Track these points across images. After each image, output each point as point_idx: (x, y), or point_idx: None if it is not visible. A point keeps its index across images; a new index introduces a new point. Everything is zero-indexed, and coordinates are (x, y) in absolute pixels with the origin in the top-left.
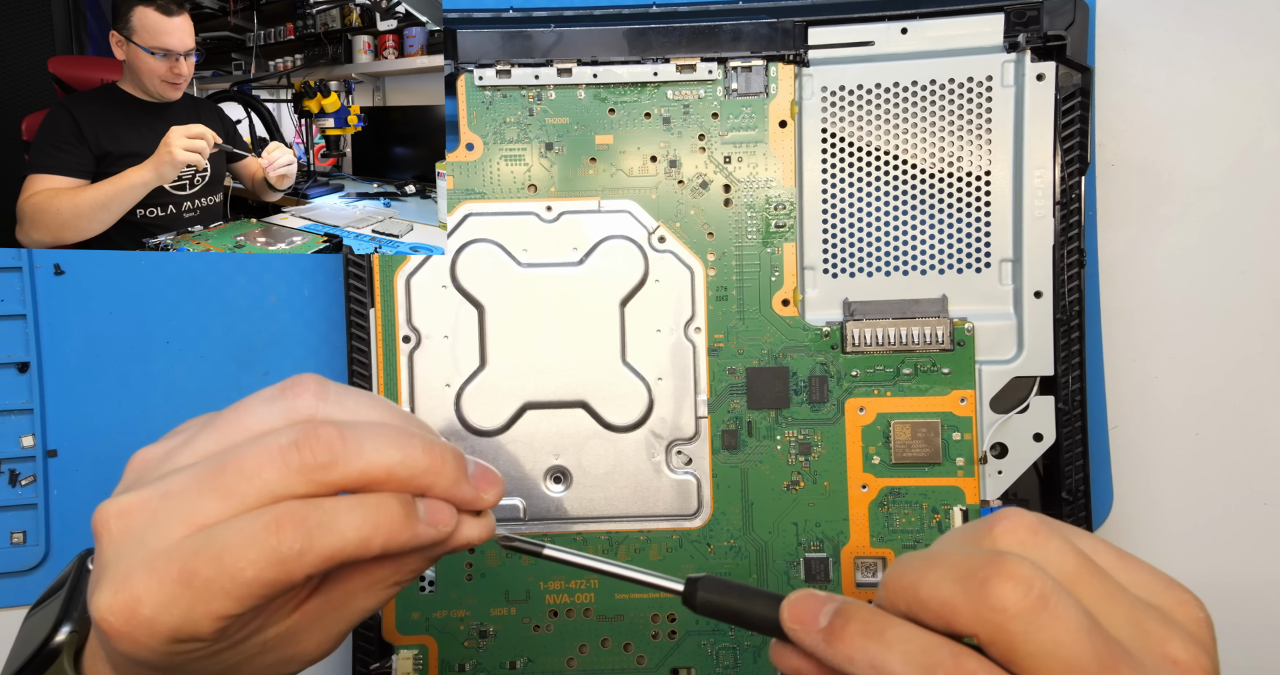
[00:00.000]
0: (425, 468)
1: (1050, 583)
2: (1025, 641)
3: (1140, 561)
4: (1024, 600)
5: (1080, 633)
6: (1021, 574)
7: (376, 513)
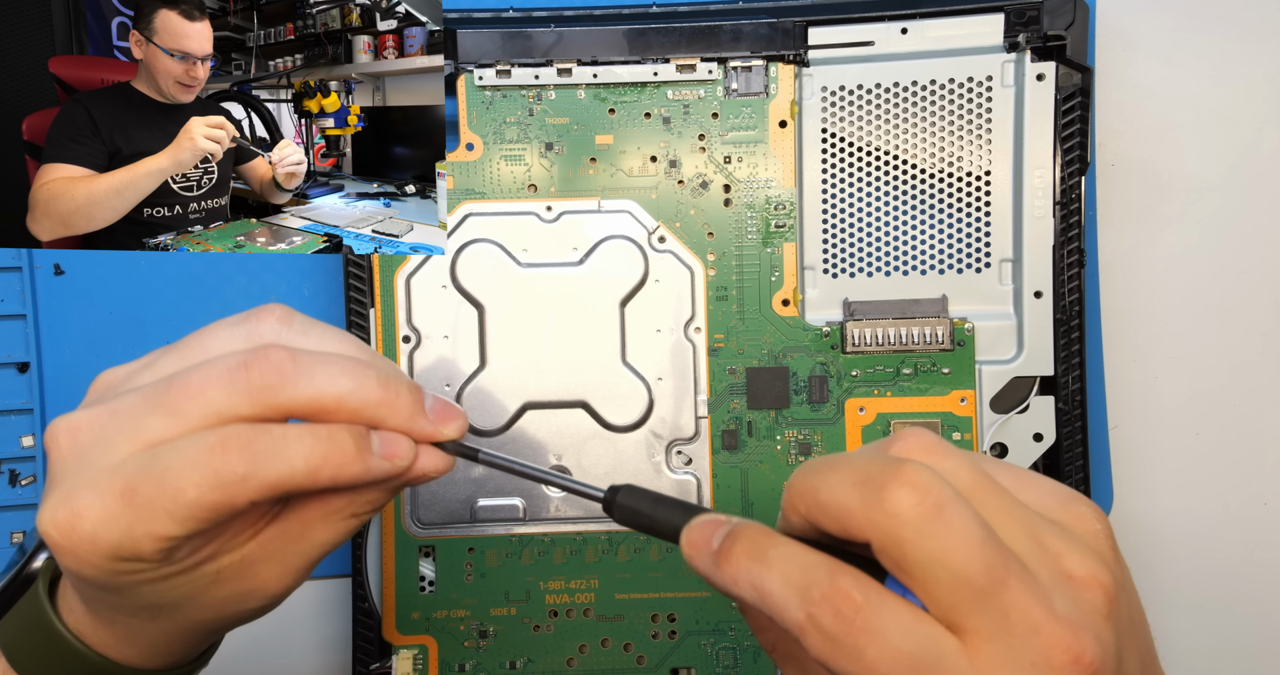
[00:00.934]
0: (379, 399)
1: (948, 491)
2: (916, 548)
3: (1039, 477)
4: (918, 506)
5: (972, 542)
6: (919, 480)
7: (326, 443)
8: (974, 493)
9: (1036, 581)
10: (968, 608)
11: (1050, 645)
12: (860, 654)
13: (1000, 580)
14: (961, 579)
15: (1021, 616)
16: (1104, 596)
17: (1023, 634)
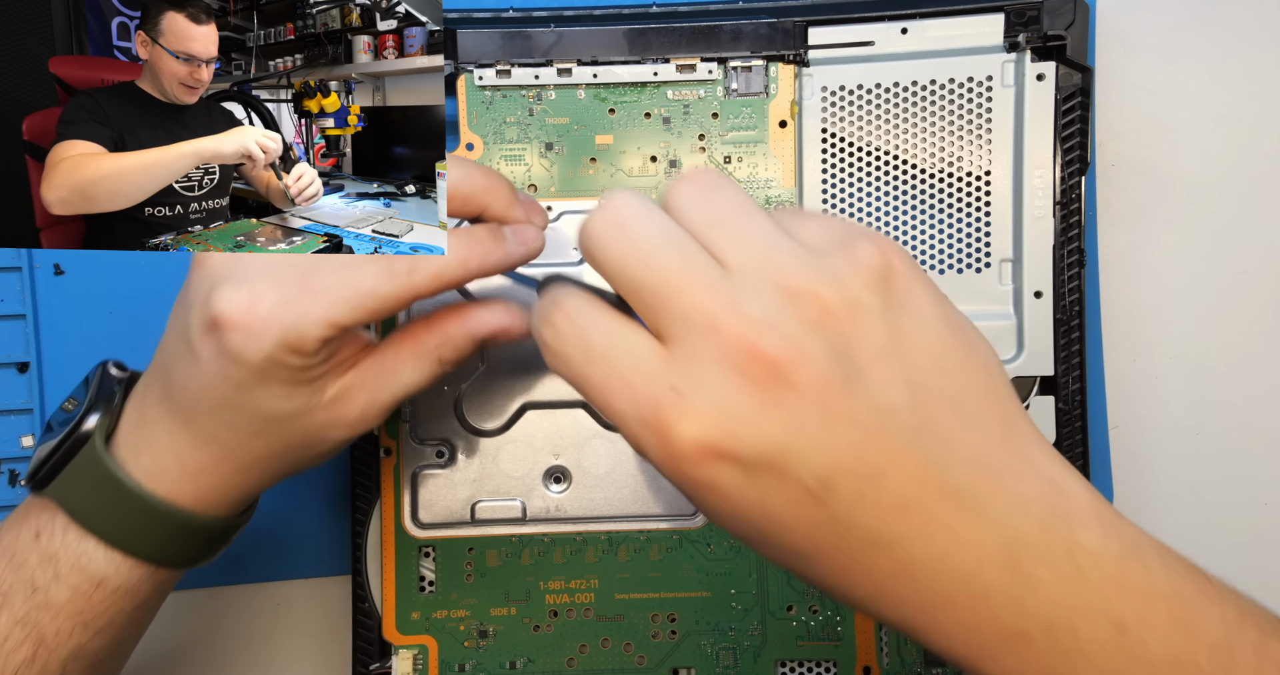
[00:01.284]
0: (484, 186)
1: (636, 210)
2: (605, 264)
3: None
4: (604, 224)
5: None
6: (613, 202)
7: (469, 238)
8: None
9: (728, 287)
10: (656, 313)
11: (730, 339)
12: (569, 359)
13: (679, 285)
14: (642, 287)
15: (702, 317)
16: (817, 306)
17: (703, 332)
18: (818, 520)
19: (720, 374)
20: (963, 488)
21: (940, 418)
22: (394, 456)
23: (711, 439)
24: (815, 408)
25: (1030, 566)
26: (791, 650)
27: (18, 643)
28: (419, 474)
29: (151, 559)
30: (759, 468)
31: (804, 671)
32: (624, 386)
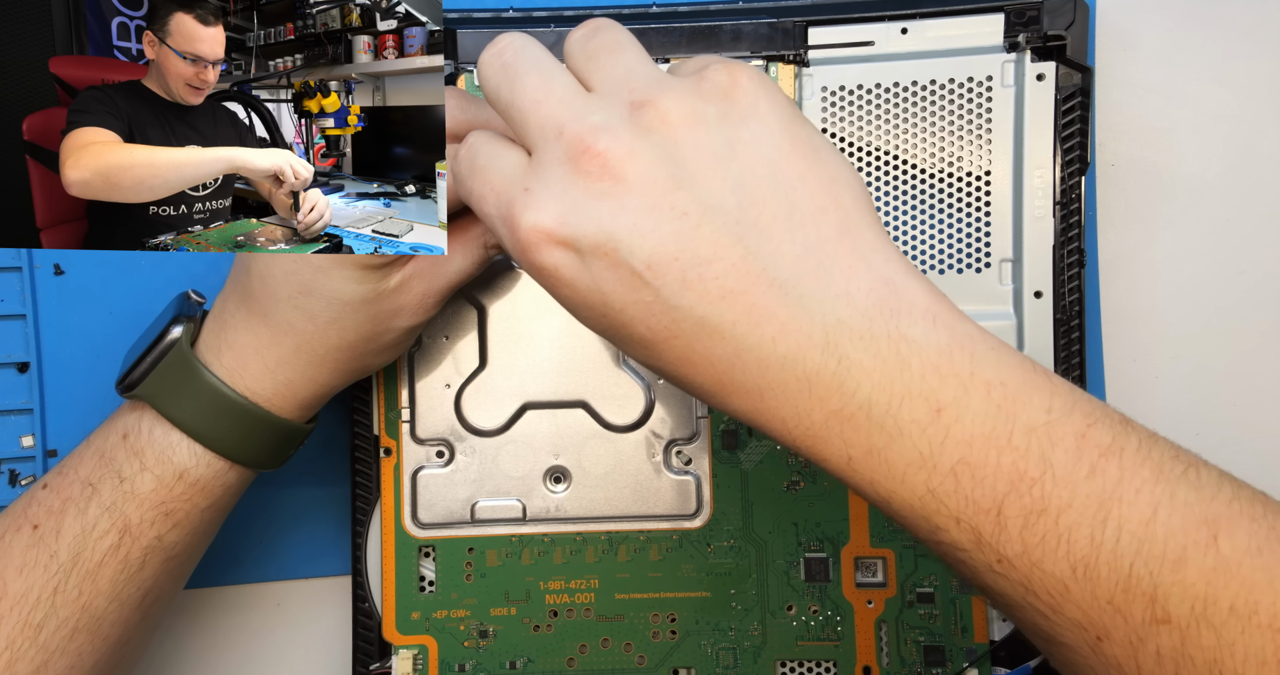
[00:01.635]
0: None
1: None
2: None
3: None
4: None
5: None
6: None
7: None
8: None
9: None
10: (520, 130)
11: (570, 142)
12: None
13: (537, 100)
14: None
15: (552, 125)
16: (655, 114)
17: (551, 138)
18: (649, 303)
19: (560, 171)
20: (787, 279)
21: (769, 218)
22: (394, 456)
23: (547, 226)
24: (642, 200)
25: (850, 351)
26: (791, 650)
27: (105, 530)
28: (419, 474)
29: (229, 454)
30: (591, 253)
31: (804, 671)
32: (491, 191)
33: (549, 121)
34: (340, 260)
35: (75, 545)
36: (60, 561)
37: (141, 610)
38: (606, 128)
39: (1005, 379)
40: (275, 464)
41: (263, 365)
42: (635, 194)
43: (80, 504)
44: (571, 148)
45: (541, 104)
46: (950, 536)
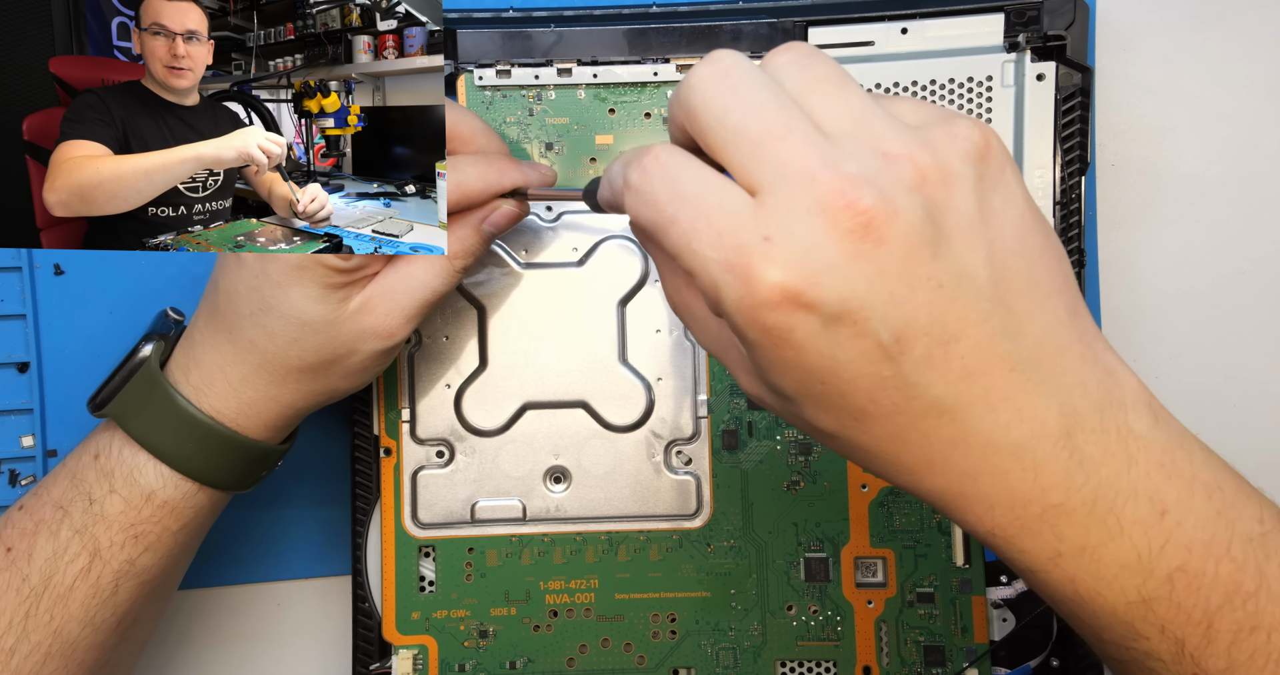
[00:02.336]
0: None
1: (740, 62)
2: (703, 112)
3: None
4: (707, 75)
5: (750, 102)
6: (714, 56)
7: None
8: (817, 82)
9: (826, 144)
10: (750, 162)
11: (826, 191)
12: (655, 198)
13: (777, 135)
14: (739, 133)
15: (798, 167)
16: (914, 170)
17: (798, 182)
18: (885, 378)
19: (812, 224)
20: (1029, 362)
21: (1016, 294)
22: (394, 456)
23: (796, 285)
24: (900, 266)
25: (1083, 444)
26: (791, 650)
27: (75, 553)
28: (419, 474)
29: (194, 475)
30: (837, 318)
31: (804, 671)
32: (710, 228)
33: (795, 162)
34: (299, 277)
35: (47, 569)
36: (32, 585)
37: (118, 634)
38: (867, 181)
39: (1222, 484)
40: (246, 485)
41: (226, 383)
42: (894, 259)
43: (52, 526)
44: (829, 199)
45: (784, 140)
46: (1150, 646)
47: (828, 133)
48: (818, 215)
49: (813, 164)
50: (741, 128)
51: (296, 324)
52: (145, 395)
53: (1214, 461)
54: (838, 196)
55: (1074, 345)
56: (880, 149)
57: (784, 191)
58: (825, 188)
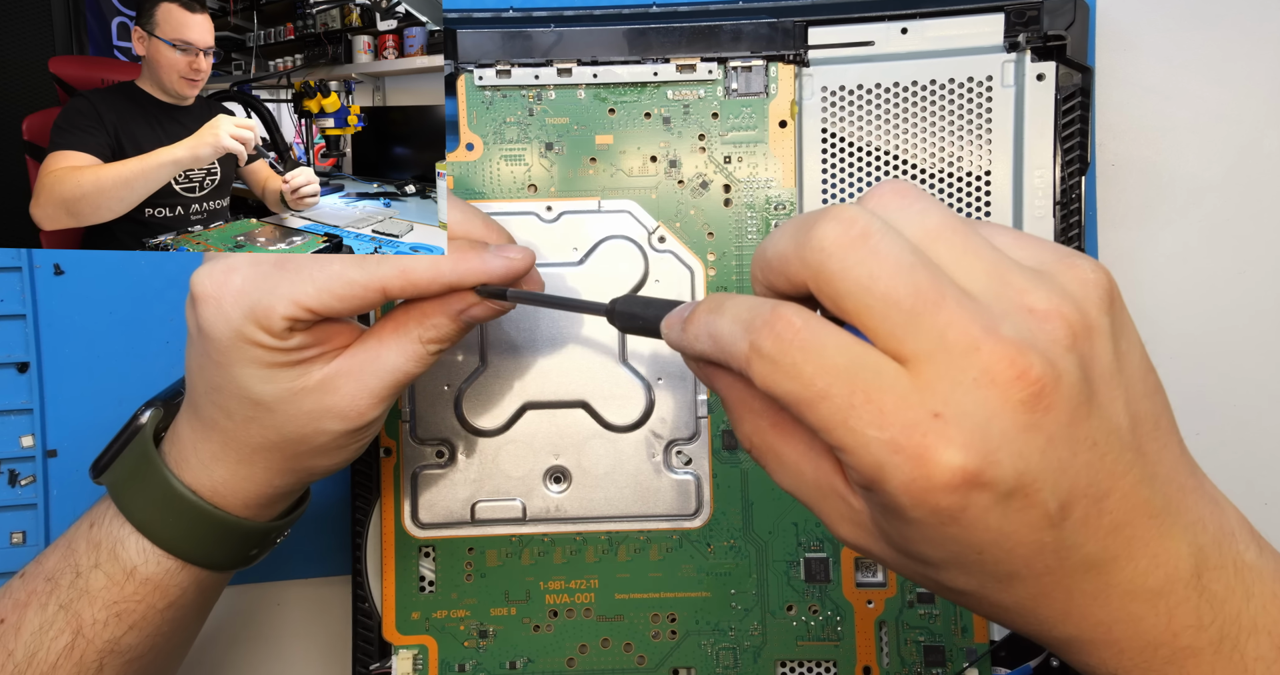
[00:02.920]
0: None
1: (875, 222)
2: (843, 278)
3: (1044, 240)
4: (843, 237)
5: (899, 267)
6: (845, 215)
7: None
8: (938, 234)
9: (978, 306)
10: (903, 332)
11: (993, 361)
12: (799, 371)
13: (932, 301)
14: (889, 302)
15: (959, 336)
16: (1065, 328)
17: (962, 352)
18: (1046, 544)
19: (983, 396)
20: (1164, 507)
21: (1148, 438)
22: (394, 456)
23: (976, 466)
24: (1066, 431)
25: (1210, 582)
26: (791, 650)
27: (60, 629)
28: (419, 474)
29: (175, 551)
30: (1011, 494)
31: (804, 671)
32: (869, 405)
33: (954, 330)
34: (239, 356)
35: (31, 644)
36: (16, 661)
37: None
38: (1030, 346)
39: None
40: (235, 564)
41: (199, 460)
42: (1061, 425)
43: (41, 599)
44: (998, 369)
45: (940, 308)
46: None
47: (972, 293)
48: (988, 387)
49: (974, 332)
50: (892, 296)
51: (249, 403)
52: (137, 466)
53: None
54: (1007, 366)
55: (1189, 480)
56: (1025, 304)
57: (947, 363)
58: (991, 357)
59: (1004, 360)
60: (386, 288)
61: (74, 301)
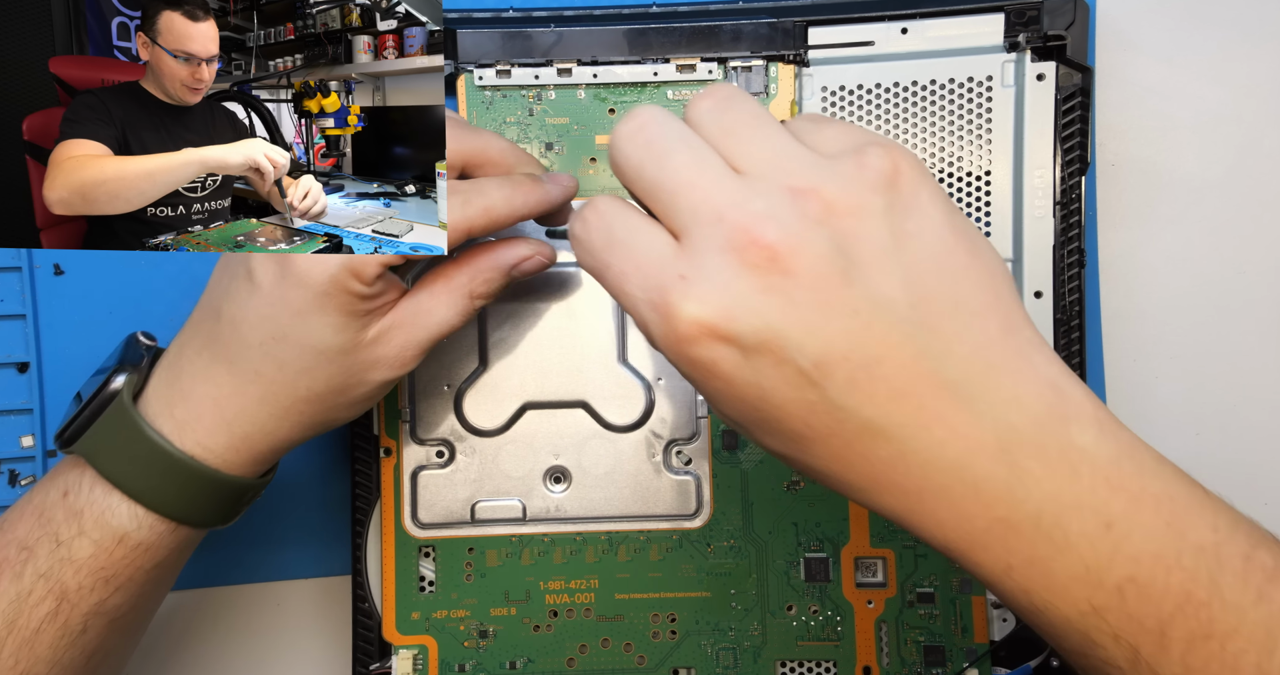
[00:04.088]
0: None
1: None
2: (624, 167)
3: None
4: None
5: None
6: (633, 112)
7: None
8: (731, 127)
9: (737, 186)
10: (669, 210)
11: (733, 230)
12: (591, 247)
13: (688, 182)
14: (655, 185)
15: (708, 211)
16: (820, 205)
17: (710, 224)
18: (813, 403)
19: (723, 261)
20: (958, 380)
21: (938, 315)
22: (394, 456)
23: (710, 319)
24: (811, 296)
25: (1022, 459)
26: (791, 650)
27: (40, 597)
28: (419, 474)
29: (172, 515)
30: (755, 350)
31: (804, 671)
32: (637, 271)
33: (705, 205)
34: (322, 306)
35: (10, 612)
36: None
37: (88, 671)
38: (773, 217)
39: (1173, 494)
40: (224, 521)
41: (219, 417)
42: (804, 289)
43: (16, 568)
44: (735, 236)
45: (695, 187)
46: (1106, 654)
47: (744, 172)
48: (728, 253)
49: (721, 205)
50: (658, 179)
51: (312, 353)
52: (118, 433)
53: (1166, 472)
54: (743, 234)
55: (1008, 360)
56: (789, 185)
57: (697, 232)
58: (732, 226)
59: (741, 229)
60: (471, 228)
61: (74, 301)
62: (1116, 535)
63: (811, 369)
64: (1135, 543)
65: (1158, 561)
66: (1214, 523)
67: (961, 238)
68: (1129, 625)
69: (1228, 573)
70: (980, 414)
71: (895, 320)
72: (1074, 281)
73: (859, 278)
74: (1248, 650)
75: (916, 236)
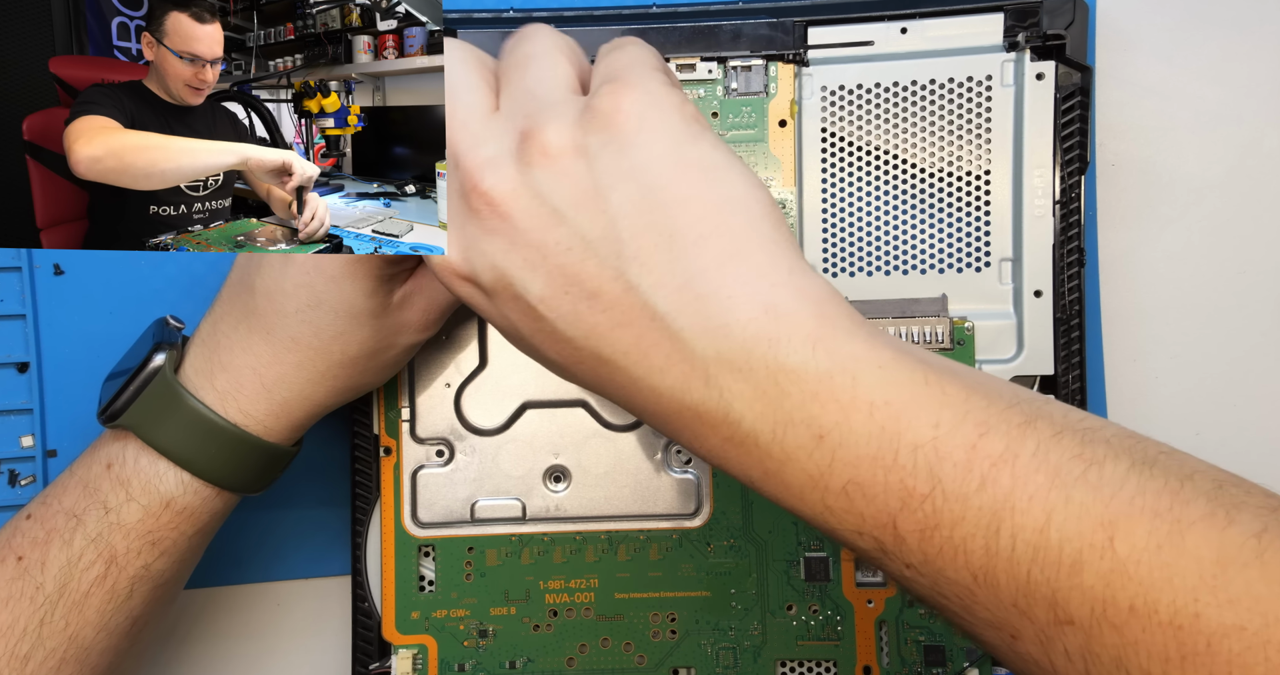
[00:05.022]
0: None
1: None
2: None
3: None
4: None
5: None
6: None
7: None
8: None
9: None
10: None
11: (463, 176)
12: None
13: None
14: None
15: (450, 155)
16: (537, 149)
17: (451, 169)
18: (550, 334)
19: (458, 206)
20: (667, 312)
21: (649, 250)
22: (394, 456)
23: (454, 263)
24: (527, 236)
25: (731, 384)
26: (791, 650)
27: (91, 561)
28: (419, 473)
29: (217, 481)
30: (492, 289)
31: (804, 671)
32: None
33: (450, 150)
34: (354, 271)
35: (61, 577)
36: (46, 593)
37: (131, 636)
38: (492, 163)
39: (890, 398)
40: (261, 487)
41: (260, 385)
42: (521, 230)
43: (65, 535)
44: (464, 182)
45: (451, 131)
46: (861, 546)
47: (499, 114)
48: (460, 198)
49: (458, 151)
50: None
51: (346, 317)
52: (163, 405)
53: (889, 377)
54: (468, 180)
55: (721, 290)
56: (522, 127)
57: (449, 176)
58: (463, 172)
59: (467, 175)
60: None
61: (74, 301)
62: (831, 444)
63: (538, 304)
64: (850, 449)
65: (875, 464)
66: (935, 419)
67: (688, 169)
68: (864, 523)
69: (948, 465)
70: (689, 343)
71: (607, 256)
72: (1074, 281)
73: (570, 218)
74: (974, 534)
75: (631, 174)
